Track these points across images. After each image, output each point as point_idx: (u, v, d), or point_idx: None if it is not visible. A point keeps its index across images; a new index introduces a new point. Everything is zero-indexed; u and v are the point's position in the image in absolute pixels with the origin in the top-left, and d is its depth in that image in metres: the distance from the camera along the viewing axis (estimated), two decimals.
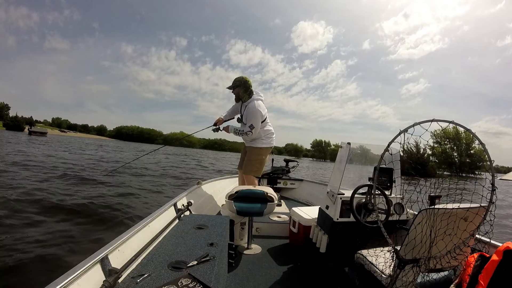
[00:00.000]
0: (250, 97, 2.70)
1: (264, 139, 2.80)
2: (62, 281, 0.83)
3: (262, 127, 2.73)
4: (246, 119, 2.69)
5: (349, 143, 1.91)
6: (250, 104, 2.67)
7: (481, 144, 1.11)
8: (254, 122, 2.62)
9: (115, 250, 1.15)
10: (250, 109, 2.63)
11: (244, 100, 2.73)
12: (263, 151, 2.82)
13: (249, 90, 2.69)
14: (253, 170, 2.80)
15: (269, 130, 2.83)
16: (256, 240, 2.39)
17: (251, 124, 2.63)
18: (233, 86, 2.72)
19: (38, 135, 49.31)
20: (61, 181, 6.72)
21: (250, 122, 2.63)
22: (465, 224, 1.16)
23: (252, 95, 2.71)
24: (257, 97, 2.72)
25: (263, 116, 2.68)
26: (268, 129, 2.82)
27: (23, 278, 2.33)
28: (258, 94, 2.75)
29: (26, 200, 4.57)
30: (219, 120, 2.90)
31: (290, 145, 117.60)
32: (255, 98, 2.69)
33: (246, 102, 2.71)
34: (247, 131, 2.65)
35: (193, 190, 2.64)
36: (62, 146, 23.49)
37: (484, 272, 1.15)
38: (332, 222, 1.83)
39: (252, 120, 2.62)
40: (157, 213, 1.66)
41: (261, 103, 2.71)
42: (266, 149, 2.83)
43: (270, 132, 2.84)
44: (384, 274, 1.32)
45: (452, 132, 33.25)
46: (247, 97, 2.70)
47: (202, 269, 1.07)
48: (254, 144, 2.80)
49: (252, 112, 2.62)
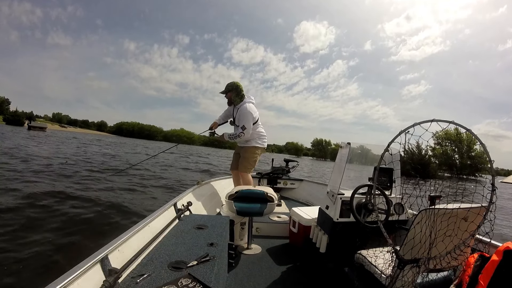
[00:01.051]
0: (242, 101, 2.89)
1: (258, 139, 2.99)
2: (62, 281, 0.83)
3: (254, 129, 2.91)
4: (238, 121, 2.87)
5: (349, 143, 1.91)
6: (242, 106, 2.84)
7: (481, 144, 1.11)
8: (246, 123, 2.79)
9: (115, 250, 1.15)
10: (242, 111, 2.81)
11: (236, 104, 2.91)
12: (258, 150, 3.00)
13: (241, 94, 2.88)
14: (248, 168, 2.98)
15: (261, 131, 3.01)
16: (256, 240, 2.39)
17: (243, 125, 2.80)
18: (226, 91, 2.91)
19: (38, 130, 49.18)
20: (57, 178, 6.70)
21: (242, 123, 2.80)
22: (465, 224, 1.16)
23: (243, 98, 2.90)
24: (248, 100, 2.90)
25: (254, 118, 2.87)
26: (260, 131, 3.00)
27: (22, 278, 2.33)
28: (249, 98, 2.93)
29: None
30: (214, 124, 3.08)
31: (290, 143, 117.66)
32: (247, 101, 2.87)
33: (238, 105, 2.89)
34: (239, 132, 2.82)
35: (193, 190, 2.64)
36: (59, 142, 22.91)
37: (484, 272, 1.15)
38: (332, 222, 1.83)
39: (244, 122, 2.80)
40: (157, 213, 1.66)
41: (252, 105, 2.89)
42: (260, 149, 3.02)
43: (262, 133, 3.03)
44: (384, 274, 1.32)
45: (453, 133, 33.22)
46: (238, 101, 2.89)
47: (202, 269, 1.07)
48: (249, 144, 2.97)
49: (244, 114, 2.80)
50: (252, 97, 2.96)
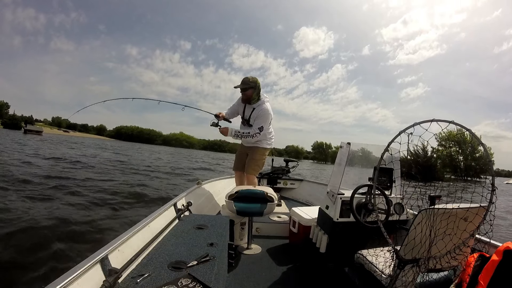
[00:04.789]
0: (259, 99, 2.67)
1: (268, 140, 2.86)
2: (62, 281, 0.83)
3: (267, 129, 2.75)
4: (255, 121, 2.66)
5: (349, 143, 1.91)
6: (261, 106, 2.64)
7: (481, 144, 1.11)
8: (264, 124, 2.61)
9: (115, 250, 1.15)
10: (263, 111, 2.61)
11: (252, 102, 2.67)
12: (266, 152, 2.88)
13: (260, 93, 2.66)
14: (256, 170, 2.84)
15: (271, 131, 2.89)
16: (256, 240, 2.39)
17: (261, 126, 2.60)
18: (246, 87, 2.59)
19: (34, 134, 49.51)
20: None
21: (261, 124, 2.60)
22: (465, 224, 1.16)
23: (261, 97, 2.68)
24: (266, 99, 2.69)
25: (271, 119, 2.72)
26: (271, 131, 2.87)
27: (22, 278, 2.33)
28: (264, 96, 2.72)
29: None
30: (221, 114, 2.81)
31: (290, 147, 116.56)
32: (265, 101, 2.67)
33: (254, 104, 2.66)
34: (255, 133, 2.61)
35: (193, 190, 2.64)
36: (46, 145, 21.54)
37: (484, 272, 1.15)
38: (332, 222, 1.83)
39: (262, 122, 2.60)
40: (157, 213, 1.66)
41: (269, 105, 2.70)
42: (268, 150, 2.90)
43: (272, 133, 2.90)
44: (384, 274, 1.32)
45: (456, 134, 32.89)
46: (256, 99, 2.65)
47: (202, 269, 1.07)
48: (260, 145, 2.82)
49: (264, 114, 2.61)
50: (267, 96, 2.73)
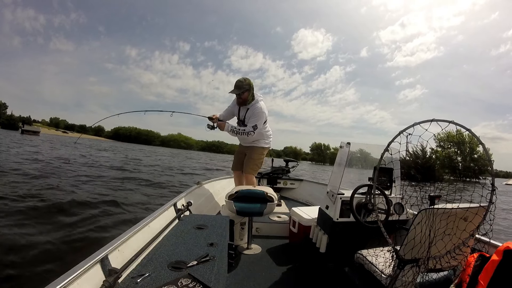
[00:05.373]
0: (253, 99, 2.68)
1: (266, 139, 2.87)
2: (62, 281, 0.83)
3: (264, 128, 2.77)
4: (249, 120, 2.68)
5: (349, 143, 1.91)
6: (255, 105, 2.65)
7: (481, 143, 1.11)
8: (258, 123, 2.63)
9: (115, 250, 1.15)
10: (257, 110, 2.63)
11: (248, 103, 2.68)
12: (265, 151, 2.90)
13: (253, 92, 2.67)
14: (255, 169, 2.85)
15: (269, 131, 2.90)
16: (256, 240, 2.39)
17: (255, 125, 2.62)
18: (242, 91, 2.61)
19: (31, 134, 49.76)
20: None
21: (255, 123, 2.62)
22: (464, 224, 1.16)
23: (254, 96, 2.69)
24: (259, 98, 2.71)
25: (266, 118, 2.72)
26: (268, 130, 2.88)
27: (21, 278, 2.32)
28: (258, 95, 2.73)
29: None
30: (215, 117, 2.80)
31: (289, 148, 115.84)
32: (259, 99, 2.69)
33: (249, 105, 2.69)
34: (249, 131, 2.64)
35: (193, 190, 2.63)
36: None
37: (484, 272, 1.15)
38: (332, 222, 1.83)
39: (257, 121, 2.62)
40: (157, 213, 1.66)
41: (264, 104, 2.71)
42: (266, 149, 2.91)
43: (270, 133, 2.91)
44: (384, 274, 1.32)
45: (455, 135, 32.97)
46: (251, 100, 2.67)
47: (202, 269, 1.07)
48: (258, 144, 2.84)
49: (258, 113, 2.62)
50: (260, 94, 2.74)
